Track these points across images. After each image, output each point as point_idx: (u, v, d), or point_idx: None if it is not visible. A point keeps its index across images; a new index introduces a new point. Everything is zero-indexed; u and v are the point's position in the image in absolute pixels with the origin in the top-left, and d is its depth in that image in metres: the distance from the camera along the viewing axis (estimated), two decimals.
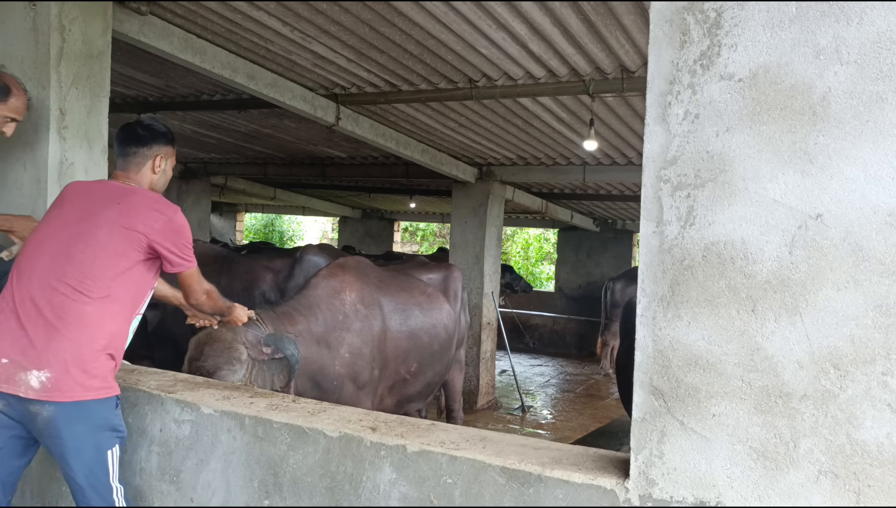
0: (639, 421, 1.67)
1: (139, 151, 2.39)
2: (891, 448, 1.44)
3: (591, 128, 5.21)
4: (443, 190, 9.88)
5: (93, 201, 2.27)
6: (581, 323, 13.31)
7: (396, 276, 4.78)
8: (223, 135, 7.84)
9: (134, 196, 2.28)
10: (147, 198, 2.31)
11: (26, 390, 2.02)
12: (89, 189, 2.37)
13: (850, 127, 1.47)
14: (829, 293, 1.49)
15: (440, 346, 4.76)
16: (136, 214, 2.23)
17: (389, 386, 4.35)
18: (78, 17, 2.97)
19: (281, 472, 2.21)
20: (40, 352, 2.05)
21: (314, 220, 22.69)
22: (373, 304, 4.19)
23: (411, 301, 4.57)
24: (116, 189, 2.32)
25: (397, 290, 4.51)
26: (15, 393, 2.03)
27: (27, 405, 2.05)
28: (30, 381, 2.02)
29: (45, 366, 2.03)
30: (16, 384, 2.02)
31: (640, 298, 1.67)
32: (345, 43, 4.28)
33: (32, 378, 2.02)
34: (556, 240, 15.37)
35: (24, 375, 2.02)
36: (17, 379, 2.02)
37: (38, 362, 2.04)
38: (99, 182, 2.51)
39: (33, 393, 2.03)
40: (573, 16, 3.68)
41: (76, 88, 2.98)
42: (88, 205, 2.26)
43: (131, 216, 2.22)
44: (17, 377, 2.02)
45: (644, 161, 1.67)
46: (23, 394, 2.02)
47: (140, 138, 2.40)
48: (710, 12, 1.59)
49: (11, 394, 2.03)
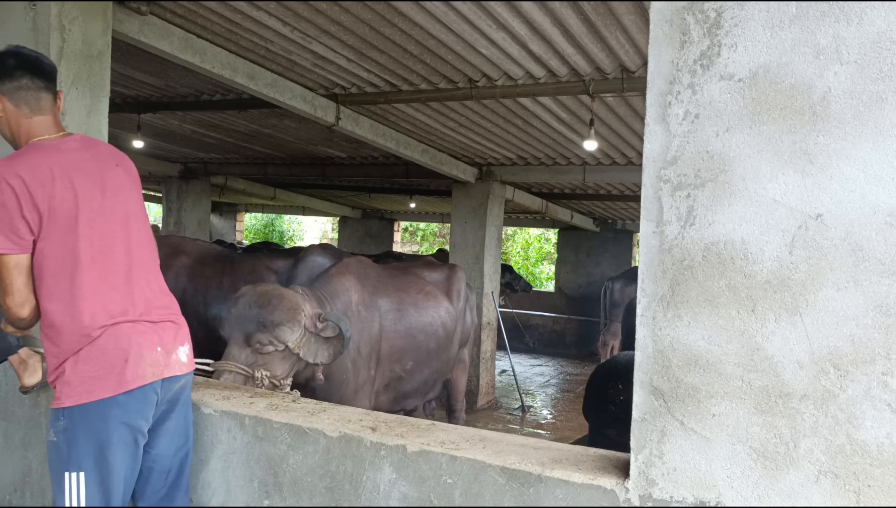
0: (639, 421, 1.68)
1: (50, 86, 2.09)
2: (891, 447, 1.44)
3: (591, 128, 5.22)
4: (443, 190, 9.89)
5: (102, 171, 2.12)
6: (581, 323, 13.31)
7: (395, 275, 4.81)
8: (223, 135, 7.84)
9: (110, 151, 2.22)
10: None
11: (180, 367, 2.12)
12: (81, 157, 2.09)
13: (850, 127, 1.47)
14: (829, 293, 1.49)
15: (438, 344, 4.79)
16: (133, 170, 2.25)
17: (385, 384, 4.41)
18: (78, 17, 2.96)
19: (281, 472, 2.21)
20: (178, 328, 2.16)
21: (314, 220, 22.71)
22: (371, 306, 4.29)
23: (407, 300, 4.61)
24: (95, 148, 2.16)
25: (394, 290, 4.56)
26: (172, 374, 2.09)
27: (176, 382, 2.12)
28: (180, 357, 2.13)
29: (185, 340, 2.17)
30: (171, 367, 2.09)
31: (640, 298, 1.67)
32: (345, 43, 4.28)
33: (182, 354, 2.14)
34: (556, 240, 15.37)
35: (175, 355, 2.11)
36: (171, 361, 2.09)
37: (180, 338, 2.15)
38: (69, 142, 2.11)
39: (185, 368, 2.15)
40: (573, 16, 3.68)
41: (76, 88, 2.98)
42: (103, 177, 2.11)
43: (135, 175, 2.25)
44: (171, 359, 2.09)
45: (644, 161, 1.67)
46: (178, 372, 2.11)
47: (48, 70, 2.09)
48: (710, 12, 1.60)
49: (169, 376, 2.08)
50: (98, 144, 2.19)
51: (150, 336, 2.05)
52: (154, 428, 2.10)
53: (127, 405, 1.97)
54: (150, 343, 2.04)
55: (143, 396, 2.00)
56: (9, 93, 2.02)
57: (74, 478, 1.93)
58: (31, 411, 2.79)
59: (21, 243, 1.94)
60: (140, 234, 2.15)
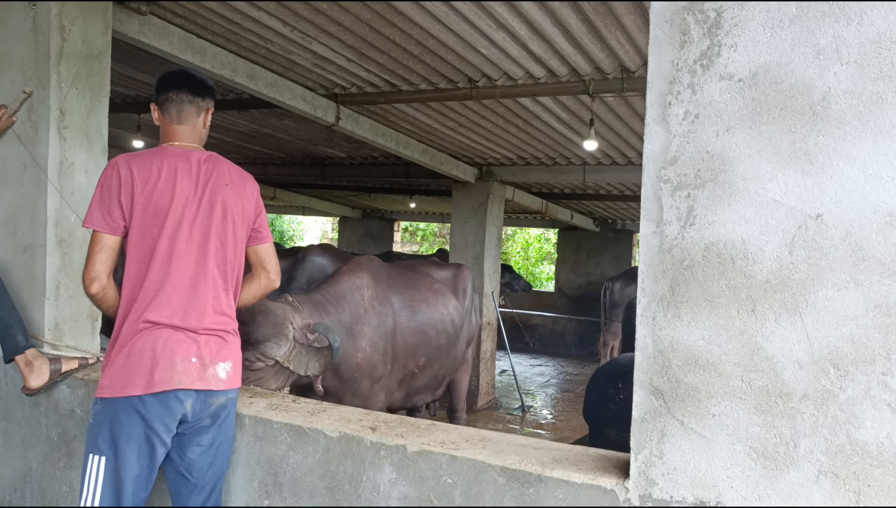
0: (639, 421, 1.67)
1: (195, 101, 2.30)
2: (891, 447, 1.44)
3: (591, 128, 5.22)
4: (443, 190, 9.88)
5: (211, 186, 2.22)
6: (581, 323, 13.30)
7: (405, 273, 4.86)
8: (223, 135, 7.84)
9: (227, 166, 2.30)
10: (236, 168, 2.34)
11: (216, 382, 2.14)
12: (198, 168, 2.23)
13: (850, 127, 1.47)
14: (829, 293, 1.49)
15: (447, 340, 4.85)
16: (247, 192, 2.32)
17: (399, 380, 4.44)
18: (78, 17, 2.96)
19: (281, 472, 2.21)
20: (224, 345, 2.19)
21: (314, 220, 22.71)
22: (385, 302, 4.30)
23: (419, 297, 4.66)
24: (218, 165, 2.27)
25: (405, 287, 4.60)
26: (206, 387, 2.11)
27: (213, 397, 2.14)
28: (218, 373, 2.14)
29: (228, 357, 2.18)
30: (206, 380, 2.11)
31: (640, 298, 1.67)
32: (345, 43, 4.28)
33: (221, 370, 2.15)
34: (556, 240, 15.37)
35: (212, 369, 2.13)
36: (207, 375, 2.11)
37: (223, 354, 2.17)
38: (171, 152, 2.25)
39: (224, 384, 2.16)
40: (573, 16, 3.68)
41: (76, 88, 2.98)
42: (211, 191, 2.22)
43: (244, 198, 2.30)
44: (208, 373, 2.12)
45: (644, 161, 1.67)
46: (213, 387, 2.13)
47: (198, 87, 2.32)
48: (710, 12, 1.60)
49: (203, 389, 2.11)
50: (221, 163, 2.28)
51: (188, 345, 2.09)
52: (190, 438, 2.15)
53: (148, 407, 2.04)
54: (186, 352, 2.08)
55: (165, 401, 2.05)
56: (161, 104, 2.30)
57: (97, 461, 2.06)
58: (31, 411, 2.79)
59: (112, 224, 2.12)
60: (225, 253, 2.21)
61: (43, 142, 2.90)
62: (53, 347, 2.90)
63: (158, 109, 2.32)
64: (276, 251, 2.43)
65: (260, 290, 2.40)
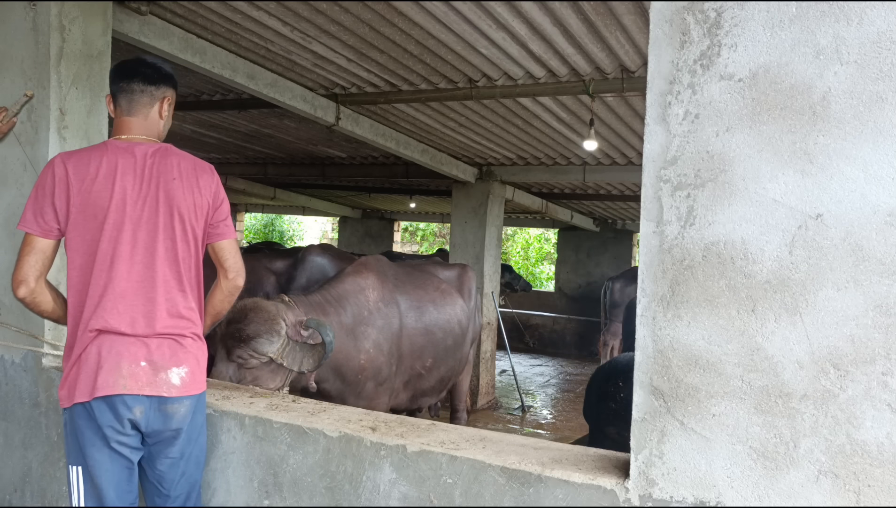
0: (639, 421, 1.67)
1: (148, 89, 2.14)
2: (891, 447, 1.44)
3: (591, 128, 5.22)
4: (443, 190, 9.88)
5: (158, 182, 2.08)
6: (581, 323, 13.30)
7: (412, 273, 4.84)
8: (223, 135, 7.84)
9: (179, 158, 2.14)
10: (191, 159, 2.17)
11: (169, 388, 2.02)
12: (143, 163, 2.09)
13: (850, 127, 1.47)
14: (829, 293, 1.49)
15: (454, 341, 4.83)
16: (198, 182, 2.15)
17: (405, 381, 4.42)
18: (78, 17, 2.96)
19: (281, 472, 2.21)
20: (179, 349, 2.06)
21: (314, 220, 22.71)
22: (392, 303, 4.29)
23: (426, 298, 4.65)
24: (167, 158, 2.11)
25: (413, 287, 4.59)
26: (158, 394, 2.00)
27: (167, 403, 2.03)
28: (171, 378, 2.03)
29: (183, 362, 2.06)
30: (157, 386, 2.00)
31: (640, 298, 1.67)
32: (345, 43, 4.28)
33: (174, 376, 2.03)
34: (556, 240, 15.37)
35: (164, 374, 2.02)
36: (158, 380, 2.01)
37: (177, 359, 2.05)
38: (116, 146, 2.12)
39: (178, 391, 2.03)
40: (573, 16, 3.68)
41: (76, 88, 2.98)
42: (156, 188, 2.07)
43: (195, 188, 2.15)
44: (159, 378, 2.01)
45: (644, 161, 1.67)
46: (166, 393, 2.01)
47: (152, 75, 2.16)
48: (710, 12, 1.60)
49: (155, 395, 2.00)
50: (171, 155, 2.12)
51: (136, 349, 1.99)
52: (158, 450, 2.07)
53: (96, 412, 1.97)
54: (134, 356, 1.99)
55: (112, 405, 1.96)
56: (114, 94, 2.16)
57: (75, 471, 2.03)
58: (31, 411, 2.79)
59: (45, 226, 2.02)
60: (176, 252, 2.07)
61: (43, 142, 2.90)
62: (54, 347, 2.90)
63: (112, 101, 2.17)
64: (238, 248, 2.24)
65: (224, 294, 2.23)
